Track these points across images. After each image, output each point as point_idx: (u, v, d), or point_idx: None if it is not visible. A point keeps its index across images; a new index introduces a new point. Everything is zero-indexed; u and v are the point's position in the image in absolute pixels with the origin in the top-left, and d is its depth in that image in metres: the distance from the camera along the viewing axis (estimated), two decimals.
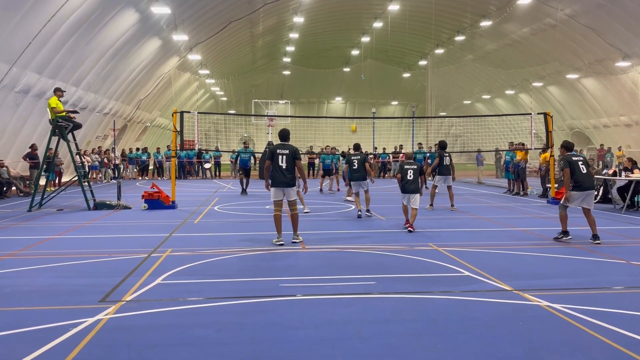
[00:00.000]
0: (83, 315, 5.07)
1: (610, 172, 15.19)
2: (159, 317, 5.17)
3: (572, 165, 9.23)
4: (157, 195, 14.13)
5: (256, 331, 4.75)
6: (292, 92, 54.56)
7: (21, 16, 15.30)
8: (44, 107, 17.03)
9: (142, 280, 6.48)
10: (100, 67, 22.68)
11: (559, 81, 36.38)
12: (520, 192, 18.34)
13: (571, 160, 9.28)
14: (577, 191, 9.20)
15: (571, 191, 9.22)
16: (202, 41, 30.69)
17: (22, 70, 17.15)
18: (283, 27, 39.20)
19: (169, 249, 8.46)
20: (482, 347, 4.39)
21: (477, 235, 10.06)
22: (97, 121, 26.02)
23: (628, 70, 28.93)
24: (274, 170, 9.00)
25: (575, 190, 9.21)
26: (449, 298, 5.81)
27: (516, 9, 29.41)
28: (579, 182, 9.18)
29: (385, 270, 7.17)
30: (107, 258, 7.73)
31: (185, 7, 24.87)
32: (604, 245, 8.90)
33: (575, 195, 9.21)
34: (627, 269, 7.23)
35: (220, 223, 11.53)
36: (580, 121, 37.26)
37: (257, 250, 8.43)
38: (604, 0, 25.30)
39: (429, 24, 36.04)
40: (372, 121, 31.41)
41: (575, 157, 9.46)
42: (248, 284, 6.38)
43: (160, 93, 34.27)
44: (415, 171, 10.47)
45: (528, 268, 7.29)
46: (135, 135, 35.31)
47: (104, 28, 20.47)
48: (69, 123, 13.98)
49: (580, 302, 5.53)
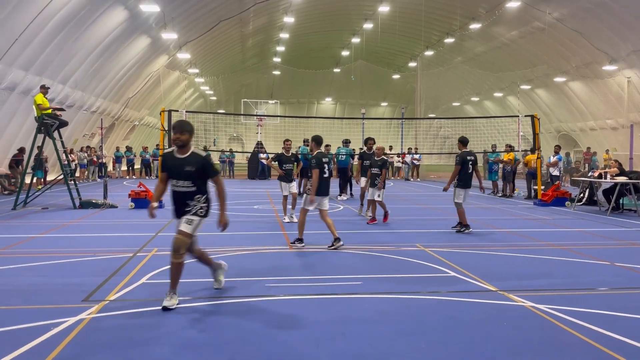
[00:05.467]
0: (65, 315, 5.00)
1: (595, 175, 15.33)
2: (142, 316, 5.12)
3: (464, 164, 10.49)
4: (144, 194, 14.03)
5: (240, 331, 4.72)
6: (282, 92, 54.45)
7: (7, 13, 15.10)
8: (30, 105, 16.84)
9: (126, 279, 6.42)
10: (88, 65, 22.46)
11: (546, 84, 36.65)
12: (507, 194, 18.47)
13: (465, 160, 10.50)
14: (462, 188, 10.46)
15: (457, 187, 10.51)
16: (191, 40, 30.51)
17: (7, 67, 16.94)
18: (273, 26, 39.12)
19: (155, 248, 8.39)
20: (466, 347, 4.40)
21: (464, 236, 10.09)
22: (84, 119, 25.77)
23: (615, 74, 29.21)
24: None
25: (460, 187, 10.47)
26: (434, 298, 5.82)
27: (505, 12, 29.59)
28: (463, 180, 10.49)
29: (372, 270, 7.18)
30: (91, 257, 7.64)
31: (175, 5, 24.71)
32: (590, 246, 8.99)
33: (460, 192, 10.46)
34: (611, 270, 7.30)
35: (207, 223, 11.40)
36: (567, 124, 37.57)
37: (243, 250, 8.39)
38: (592, 4, 25.53)
39: (419, 26, 36.14)
40: (362, 122, 31.43)
41: (470, 155, 10.66)
42: (233, 284, 6.34)
43: (149, 92, 34.03)
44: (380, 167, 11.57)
45: (513, 269, 7.33)
46: (123, 133, 35.04)
47: (92, 25, 20.27)
48: (55, 120, 13.84)
49: (564, 303, 5.57)
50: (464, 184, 10.50)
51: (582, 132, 36.48)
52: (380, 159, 11.63)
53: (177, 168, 5.40)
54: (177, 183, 5.45)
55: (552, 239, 9.69)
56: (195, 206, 5.47)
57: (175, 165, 5.41)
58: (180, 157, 5.41)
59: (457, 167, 10.56)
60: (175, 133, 5.40)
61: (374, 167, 11.60)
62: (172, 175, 5.46)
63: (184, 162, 5.38)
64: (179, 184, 5.43)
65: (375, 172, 11.53)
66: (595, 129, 34.50)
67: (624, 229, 11.27)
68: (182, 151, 5.41)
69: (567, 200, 15.39)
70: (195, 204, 5.47)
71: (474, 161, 10.71)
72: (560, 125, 38.59)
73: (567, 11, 27.51)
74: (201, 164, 5.40)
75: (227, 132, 46.18)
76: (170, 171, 5.47)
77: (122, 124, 33.39)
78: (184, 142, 5.38)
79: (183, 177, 5.39)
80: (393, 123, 49.58)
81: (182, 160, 5.39)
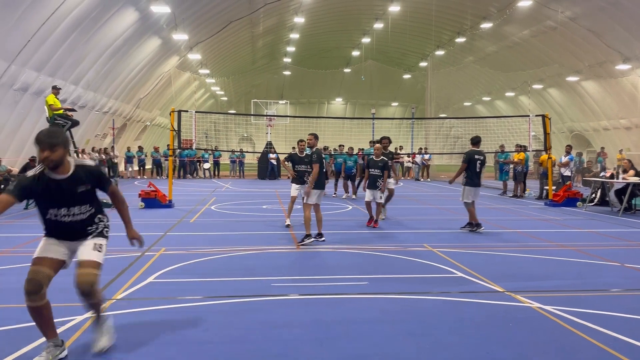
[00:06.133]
0: (72, 313, 5.05)
1: (607, 175, 15.15)
2: (148, 315, 5.15)
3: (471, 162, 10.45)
4: (154, 194, 14.12)
5: (244, 330, 4.73)
6: (293, 93, 54.50)
7: (20, 13, 15.29)
8: (42, 105, 17.02)
9: (133, 278, 6.46)
10: (99, 66, 22.67)
11: (559, 84, 36.33)
12: (517, 194, 18.32)
13: (472, 158, 10.44)
14: (470, 187, 10.40)
15: (465, 186, 10.47)
16: (202, 41, 30.67)
17: (20, 68, 17.14)
18: (283, 27, 39.18)
19: (163, 247, 8.44)
20: (471, 348, 4.37)
21: (472, 236, 10.03)
22: (96, 120, 26.01)
23: (628, 73, 28.87)
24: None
25: (467, 185, 10.42)
26: (440, 299, 5.78)
27: (516, 11, 29.35)
28: (471, 179, 10.42)
29: (378, 270, 7.16)
30: None
31: (185, 6, 24.86)
32: (600, 247, 8.88)
33: (468, 190, 10.41)
34: (621, 271, 7.20)
35: (216, 222, 11.50)
36: (580, 124, 37.21)
37: (251, 249, 8.41)
38: (605, 3, 25.25)
39: (430, 26, 36.00)
40: (372, 122, 31.36)
41: (478, 154, 10.57)
42: (240, 284, 6.36)
43: (160, 92, 34.27)
44: (381, 168, 10.98)
45: (521, 270, 7.26)
46: (135, 134, 35.32)
47: (104, 26, 20.46)
48: (67, 121, 13.97)
49: (572, 304, 5.51)
50: (471, 182, 10.38)
51: (595, 131, 36.11)
52: (381, 159, 10.94)
53: (62, 193, 3.90)
54: (66, 212, 3.98)
55: (561, 240, 9.59)
56: (98, 225, 4.28)
57: (57, 191, 3.89)
58: (60, 178, 3.89)
59: (464, 164, 10.55)
60: (43, 150, 3.77)
61: (374, 168, 10.94)
62: (53, 205, 3.94)
63: (70, 183, 3.92)
64: (71, 213, 4.00)
65: (375, 173, 10.88)
66: (609, 128, 34.13)
67: (635, 229, 11.12)
68: (60, 170, 3.88)
69: (579, 200, 15.22)
70: (97, 225, 4.27)
71: (482, 160, 10.63)
72: (573, 125, 38.24)
73: (579, 10, 27.24)
74: (96, 177, 4.11)
75: (237, 132, 46.28)
76: (49, 199, 3.92)
77: (133, 125, 33.65)
78: (56, 161, 3.82)
79: (76, 202, 3.98)
80: (403, 123, 49.40)
81: (66, 182, 3.90)
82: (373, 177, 10.92)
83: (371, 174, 10.97)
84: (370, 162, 11.13)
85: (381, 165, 10.90)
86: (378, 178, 10.85)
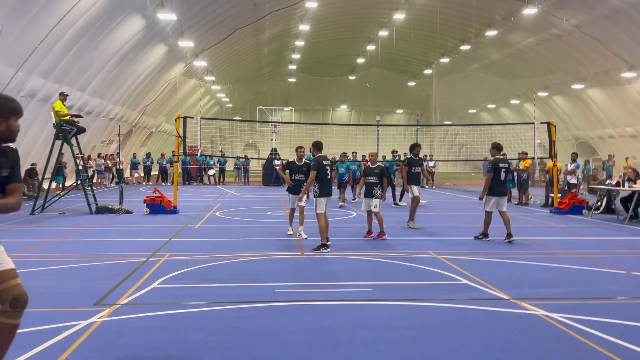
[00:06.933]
0: (77, 318, 5.06)
1: (613, 183, 15.09)
2: (152, 320, 5.16)
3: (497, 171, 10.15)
4: (159, 200, 14.16)
5: (248, 336, 4.73)
6: (298, 100, 54.65)
7: (28, 21, 15.42)
8: (49, 112, 17.13)
9: (138, 284, 6.47)
10: (106, 73, 22.82)
11: (564, 91, 36.26)
12: (522, 202, 18.27)
13: (497, 167, 10.14)
14: (492, 195, 10.17)
15: (487, 195, 10.21)
16: (207, 48, 30.83)
17: (27, 75, 17.26)
18: (289, 34, 39.36)
19: (168, 253, 8.45)
20: (476, 356, 4.35)
21: (478, 243, 10.00)
22: (102, 126, 26.14)
23: (633, 81, 28.78)
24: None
25: (489, 194, 10.19)
26: (445, 306, 5.76)
27: (521, 19, 29.37)
28: (492, 187, 10.16)
29: (383, 277, 7.14)
30: (105, 262, 7.73)
31: (191, 14, 25.02)
32: (606, 255, 8.83)
33: (489, 199, 10.20)
34: (627, 279, 7.16)
35: (221, 228, 11.52)
36: (586, 131, 37.10)
37: (255, 255, 8.41)
38: (610, 11, 25.23)
39: (434, 33, 36.04)
40: (377, 129, 31.38)
41: (502, 162, 10.33)
42: (244, 289, 6.36)
43: (166, 99, 34.43)
44: (378, 175, 10.34)
45: (527, 277, 7.23)
46: (141, 140, 35.45)
47: (110, 34, 20.61)
48: (73, 127, 14.07)
49: (578, 312, 5.47)
50: (493, 191, 10.13)
51: (600, 139, 35.98)
52: (377, 166, 10.44)
53: None
54: None
55: (567, 247, 9.55)
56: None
57: None
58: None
59: (489, 174, 10.19)
60: None
61: (370, 176, 10.33)
62: None
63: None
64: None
65: (372, 181, 10.28)
66: (614, 136, 34.00)
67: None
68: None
69: (584, 208, 15.15)
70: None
71: (507, 168, 10.35)
72: (578, 132, 38.11)
73: (584, 18, 27.23)
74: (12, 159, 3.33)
75: (242, 139, 46.37)
76: None
77: (139, 131, 33.79)
78: None
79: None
80: (408, 130, 49.41)
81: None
82: (369, 185, 10.33)
83: (367, 182, 10.39)
84: (367, 169, 10.54)
85: (378, 172, 10.29)
86: (374, 186, 10.24)
